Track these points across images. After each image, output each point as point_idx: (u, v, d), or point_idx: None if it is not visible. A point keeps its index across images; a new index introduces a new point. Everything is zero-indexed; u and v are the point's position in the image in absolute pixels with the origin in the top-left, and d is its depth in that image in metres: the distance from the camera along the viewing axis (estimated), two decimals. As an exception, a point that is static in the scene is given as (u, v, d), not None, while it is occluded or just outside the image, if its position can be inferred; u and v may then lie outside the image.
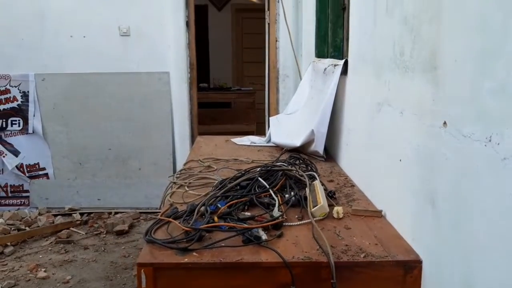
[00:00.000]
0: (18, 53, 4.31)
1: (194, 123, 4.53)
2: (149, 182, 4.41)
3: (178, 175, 2.31)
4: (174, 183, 2.15)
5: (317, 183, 1.83)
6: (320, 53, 3.38)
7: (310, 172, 2.08)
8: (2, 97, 4.37)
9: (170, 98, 4.38)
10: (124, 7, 4.27)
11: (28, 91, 4.34)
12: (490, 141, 1.01)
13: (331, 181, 2.20)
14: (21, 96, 4.35)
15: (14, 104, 4.36)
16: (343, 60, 2.49)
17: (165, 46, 4.34)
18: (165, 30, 4.31)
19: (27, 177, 4.45)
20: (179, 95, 4.39)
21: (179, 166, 4.32)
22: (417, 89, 1.45)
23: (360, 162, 2.16)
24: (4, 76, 4.34)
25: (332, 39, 2.97)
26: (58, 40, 4.31)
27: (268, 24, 4.50)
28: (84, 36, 4.30)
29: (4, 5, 4.23)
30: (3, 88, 4.36)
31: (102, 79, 4.34)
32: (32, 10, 4.24)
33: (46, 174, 4.46)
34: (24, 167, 4.45)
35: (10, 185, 4.48)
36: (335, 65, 2.61)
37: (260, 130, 5.78)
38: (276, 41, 4.44)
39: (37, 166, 4.45)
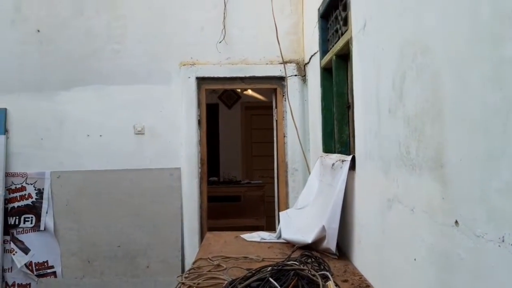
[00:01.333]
0: (37, 153, 4.48)
1: (203, 217, 4.51)
2: (157, 281, 4.27)
3: (186, 275, 2.26)
4: (183, 283, 2.09)
5: (330, 284, 1.77)
6: (328, 148, 3.47)
7: (323, 272, 2.02)
8: (18, 194, 4.45)
9: (181, 193, 4.43)
10: (140, 108, 4.51)
11: (43, 188, 4.43)
12: (503, 241, 1.00)
13: (345, 281, 2.12)
14: (36, 193, 4.43)
15: (29, 201, 4.43)
16: (351, 156, 2.55)
17: (177, 143, 4.50)
18: (178, 128, 4.50)
19: (35, 275, 4.36)
20: (190, 190, 4.44)
21: (188, 263, 4.21)
22: (425, 187, 1.46)
23: (374, 260, 2.10)
24: (21, 174, 4.47)
25: (338, 135, 3.07)
26: (75, 139, 4.50)
27: (276, 121, 4.69)
28: (100, 135, 4.50)
29: (27, 109, 4.50)
30: (19, 186, 4.46)
31: (115, 175, 4.44)
32: (53, 114, 4.50)
33: (54, 273, 4.37)
34: (33, 265, 4.38)
35: (18, 284, 4.38)
36: (343, 161, 2.66)
37: (270, 224, 5.70)
38: (284, 136, 4.59)
39: (45, 264, 4.38)
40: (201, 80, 4.53)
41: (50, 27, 4.54)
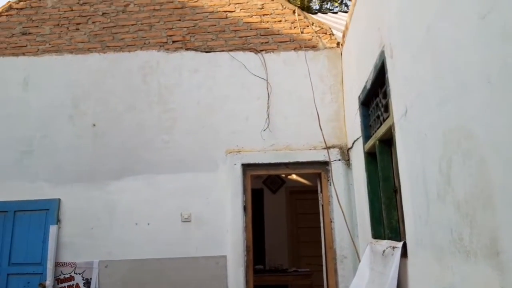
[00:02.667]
0: (87, 242, 4.60)
1: (250, 308, 4.32)
2: None
3: None
4: None
5: None
6: (377, 234, 3.33)
7: None
8: (66, 284, 4.51)
9: (226, 283, 4.32)
10: (187, 196, 4.63)
11: (90, 278, 4.47)
12: None
13: None
14: (83, 283, 4.47)
15: (75, 291, 4.47)
16: (402, 243, 2.43)
17: (223, 230, 4.49)
18: (224, 215, 4.53)
19: None
20: (235, 279, 4.32)
21: None
22: (482, 275, 1.36)
23: None
24: (70, 264, 4.56)
25: (387, 220, 2.96)
26: (124, 228, 4.61)
27: (322, 205, 4.62)
28: (148, 223, 4.59)
29: (79, 199, 4.71)
30: (68, 276, 4.53)
31: (161, 264, 4.44)
32: (104, 203, 4.69)
33: None
34: None
35: None
36: (393, 247, 2.54)
37: (321, 316, 5.33)
38: (331, 222, 4.48)
39: None
40: (246, 167, 4.64)
41: (105, 121, 4.92)
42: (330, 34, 5.05)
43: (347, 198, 4.46)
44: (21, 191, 4.73)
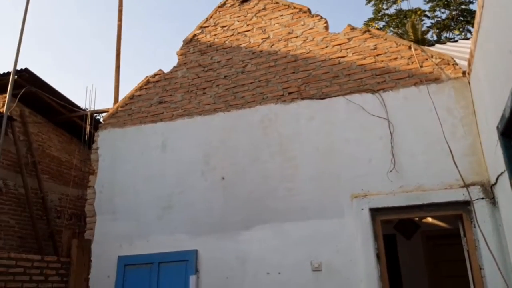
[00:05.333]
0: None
1: None
2: None
3: None
4: None
5: None
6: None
7: None
8: (206, 334, 4.66)
9: (366, 338, 4.02)
10: (315, 244, 4.55)
11: (228, 329, 4.55)
12: None
13: None
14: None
15: None
16: None
17: (356, 280, 4.27)
18: (356, 264, 4.32)
19: None
20: (376, 335, 4.00)
21: None
22: None
23: None
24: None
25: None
26: (256, 278, 4.68)
27: (467, 251, 4.11)
28: (279, 273, 4.59)
29: (213, 250, 4.94)
30: (208, 325, 4.69)
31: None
32: (236, 253, 4.85)
33: None
34: None
35: None
36: None
37: None
38: (480, 269, 3.95)
39: None
40: (374, 211, 4.42)
41: (232, 174, 5.20)
42: (453, 64, 4.73)
43: (497, 241, 3.91)
44: (163, 244, 5.17)
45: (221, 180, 5.23)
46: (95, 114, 7.57)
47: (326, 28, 5.47)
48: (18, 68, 6.83)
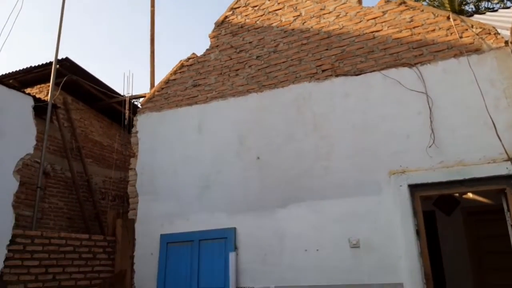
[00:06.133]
0: (261, 268, 4.88)
1: None
2: None
3: None
4: None
5: None
6: None
7: None
8: (247, 308, 4.81)
9: (406, 313, 4.03)
10: (352, 221, 4.56)
11: (268, 303, 4.69)
12: None
13: None
14: (262, 308, 4.71)
15: (256, 316, 4.72)
16: None
17: (395, 256, 4.26)
18: (395, 240, 4.31)
19: None
20: (416, 309, 4.00)
21: None
22: None
23: None
24: (249, 289, 4.88)
25: None
26: (294, 254, 4.75)
27: (511, 226, 4.01)
28: (317, 250, 4.64)
29: (251, 227, 5.04)
30: (248, 300, 4.84)
31: (334, 291, 4.40)
32: (274, 231, 4.92)
33: None
34: None
35: None
36: None
37: None
38: (526, 244, 3.84)
39: None
40: (413, 188, 4.36)
41: (267, 153, 5.25)
42: (495, 34, 4.52)
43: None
44: (202, 222, 5.33)
45: (256, 160, 5.29)
46: (133, 99, 7.78)
47: (360, 2, 5.34)
48: (59, 57, 7.10)
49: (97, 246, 5.44)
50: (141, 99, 6.99)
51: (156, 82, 6.86)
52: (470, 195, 6.48)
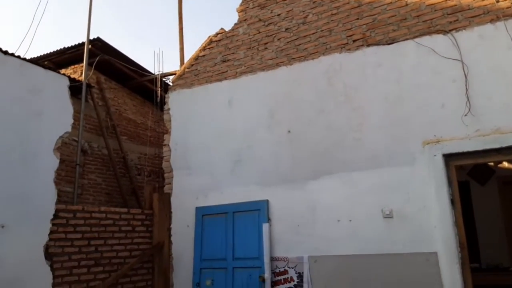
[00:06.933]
0: (294, 238, 4.98)
1: (471, 312, 3.96)
2: None
3: None
4: None
5: None
6: None
7: None
8: (281, 277, 4.96)
9: (441, 280, 4.06)
10: (385, 192, 4.56)
11: (302, 272, 4.82)
12: None
13: None
14: (297, 276, 4.85)
15: (291, 285, 4.87)
16: None
17: (429, 226, 4.26)
18: (429, 210, 4.30)
19: None
20: (451, 277, 4.02)
21: None
22: None
23: None
24: (283, 259, 5.00)
25: None
26: (327, 225, 4.82)
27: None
28: (350, 220, 4.70)
29: (283, 199, 5.14)
30: (282, 269, 4.98)
31: (368, 261, 4.47)
32: (306, 202, 5.00)
33: None
34: None
35: None
36: None
37: None
38: None
39: None
40: (448, 157, 4.31)
41: (298, 127, 5.27)
42: (535, -5, 4.31)
43: None
44: (235, 195, 5.46)
45: (287, 133, 5.33)
46: (164, 77, 7.91)
47: (391, -32, 5.18)
48: (91, 38, 7.26)
49: (135, 219, 5.67)
50: (172, 77, 7.09)
51: (186, 59, 6.93)
52: (505, 164, 6.36)
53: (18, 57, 4.90)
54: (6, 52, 4.74)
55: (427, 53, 4.66)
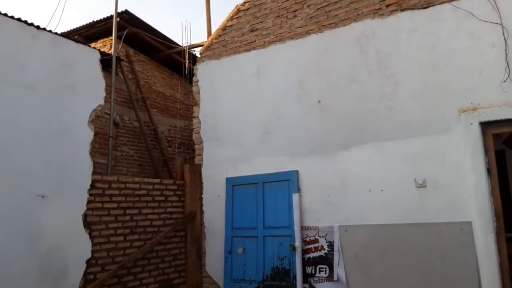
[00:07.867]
0: (325, 208, 5.01)
1: (505, 278, 3.90)
2: None
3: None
4: None
5: None
6: None
7: None
8: (312, 246, 5.02)
9: (475, 250, 4.02)
10: (418, 161, 4.48)
11: (333, 241, 4.85)
12: None
13: None
14: (327, 245, 4.89)
15: (322, 253, 4.92)
16: None
17: (464, 195, 4.18)
18: (464, 179, 4.21)
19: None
20: (485, 247, 3.96)
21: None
22: None
23: None
24: (313, 228, 5.05)
25: None
26: (358, 195, 4.81)
27: None
28: (381, 190, 4.66)
29: (314, 170, 5.14)
30: (313, 238, 5.03)
31: (400, 230, 4.45)
32: (336, 173, 4.98)
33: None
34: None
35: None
36: None
37: None
38: None
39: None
40: (485, 125, 4.17)
41: (329, 96, 5.19)
42: None
43: None
44: (265, 166, 5.50)
45: (317, 103, 5.26)
46: (192, 49, 7.89)
47: None
48: (118, 10, 7.27)
49: (168, 190, 5.81)
50: (200, 48, 7.07)
51: (213, 30, 6.87)
52: (547, 133, 6.07)
53: (50, 31, 4.97)
54: (38, 27, 4.81)
55: (465, 17, 4.45)
